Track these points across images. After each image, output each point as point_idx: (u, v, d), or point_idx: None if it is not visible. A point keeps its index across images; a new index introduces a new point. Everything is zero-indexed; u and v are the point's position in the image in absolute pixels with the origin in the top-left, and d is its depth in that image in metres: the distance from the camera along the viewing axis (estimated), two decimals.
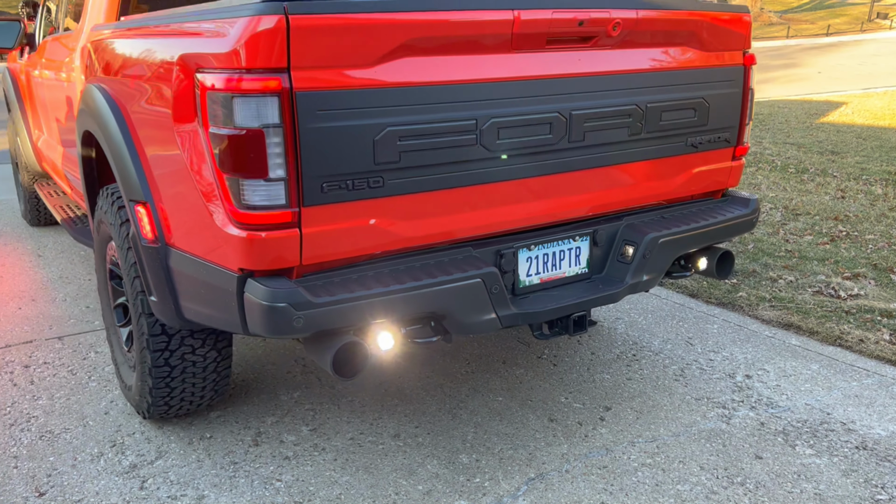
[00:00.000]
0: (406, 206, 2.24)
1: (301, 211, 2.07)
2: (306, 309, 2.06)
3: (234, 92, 1.97)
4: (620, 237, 2.75)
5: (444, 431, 3.01)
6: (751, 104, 2.98)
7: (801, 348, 3.77)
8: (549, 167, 2.48)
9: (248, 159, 2.00)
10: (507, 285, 2.54)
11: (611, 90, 2.53)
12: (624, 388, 3.36)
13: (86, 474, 2.74)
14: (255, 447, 2.91)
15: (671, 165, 2.81)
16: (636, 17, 2.48)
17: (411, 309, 2.25)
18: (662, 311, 4.24)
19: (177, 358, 2.74)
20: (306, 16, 1.95)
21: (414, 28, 2.10)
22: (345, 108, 2.05)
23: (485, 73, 2.27)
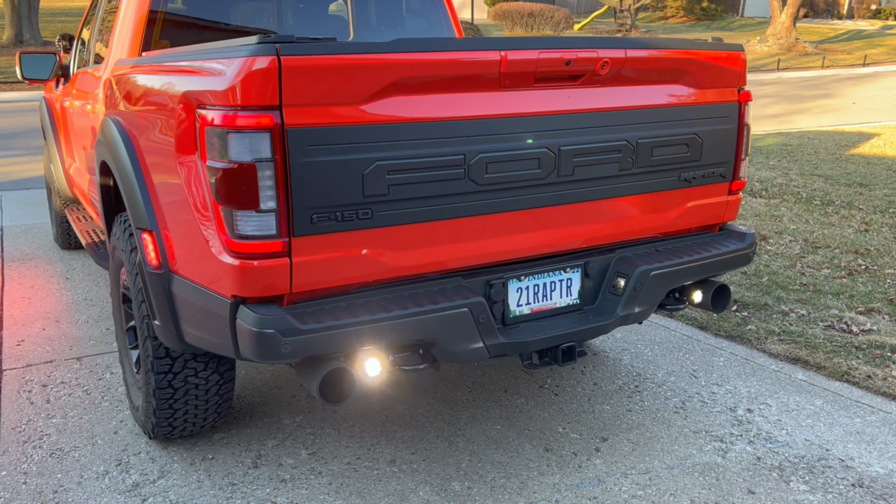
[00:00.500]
0: (395, 236, 2.32)
1: (291, 241, 2.16)
2: (293, 335, 2.14)
3: (229, 127, 2.08)
4: (613, 269, 2.79)
5: (440, 458, 3.05)
6: (746, 139, 3.01)
7: (806, 383, 3.74)
8: (538, 200, 2.54)
9: (241, 191, 2.10)
10: (497, 315, 2.60)
11: (600, 126, 2.60)
12: (623, 419, 3.38)
13: (90, 492, 2.83)
14: (255, 469, 2.98)
15: (664, 200, 2.86)
16: (624, 56, 2.54)
17: (398, 337, 2.32)
18: (670, 343, 4.25)
19: (180, 380, 2.84)
20: (297, 57, 2.05)
21: (402, 69, 2.20)
22: (334, 143, 2.14)
23: (473, 110, 2.35)
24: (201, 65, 2.32)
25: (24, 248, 6.39)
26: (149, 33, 3.65)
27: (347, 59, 2.12)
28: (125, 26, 3.68)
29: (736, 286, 5.10)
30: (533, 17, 22.26)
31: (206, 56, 2.31)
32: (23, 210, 7.77)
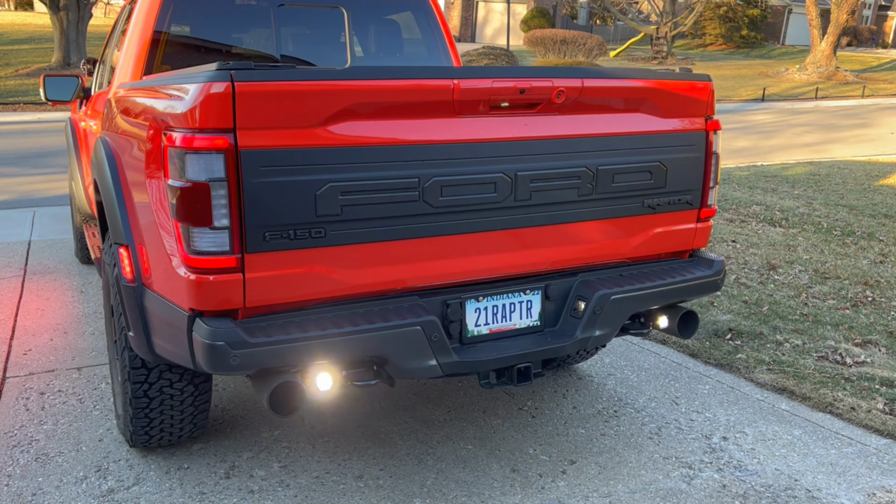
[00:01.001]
0: (349, 255, 2.41)
1: (244, 257, 2.26)
2: (242, 348, 2.24)
3: (187, 148, 2.19)
4: (574, 293, 2.84)
5: (406, 475, 3.11)
6: (715, 168, 3.05)
7: (789, 413, 3.72)
8: (495, 223, 2.61)
9: (196, 209, 2.21)
10: (454, 334, 2.66)
11: (558, 153, 2.66)
12: (595, 443, 3.40)
13: (66, 495, 2.95)
14: (226, 479, 3.07)
15: (627, 226, 2.90)
16: (581, 86, 2.61)
17: (349, 352, 2.40)
18: (657, 370, 4.25)
19: (155, 390, 2.95)
20: (251, 83, 2.17)
21: (353, 95, 2.29)
22: (287, 164, 2.25)
23: (427, 135, 2.43)
24: (169, 90, 2.45)
25: (46, 262, 6.62)
26: (151, 58, 3.83)
27: (300, 86, 2.23)
28: (130, 50, 3.87)
29: (734, 315, 5.07)
30: (566, 44, 22.39)
31: (174, 82, 2.44)
32: (52, 226, 8.05)
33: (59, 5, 20.68)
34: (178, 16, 3.96)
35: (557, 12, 42.41)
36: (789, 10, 45.15)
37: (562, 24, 43.02)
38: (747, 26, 39.43)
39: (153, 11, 3.84)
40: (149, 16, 3.84)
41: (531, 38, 23.60)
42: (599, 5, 35.83)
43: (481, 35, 41.17)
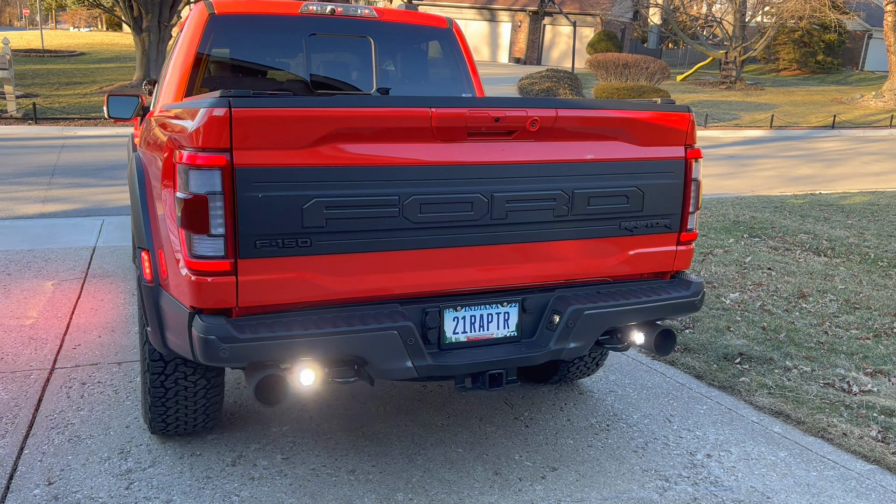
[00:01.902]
0: (334, 264, 2.67)
1: (237, 262, 2.55)
2: (231, 342, 2.52)
3: (190, 165, 2.50)
4: (551, 307, 3.03)
5: (395, 472, 3.34)
6: (695, 194, 3.20)
7: (779, 436, 3.80)
8: (473, 240, 2.84)
9: (196, 218, 2.51)
10: (433, 340, 2.89)
11: (534, 177, 2.87)
12: (580, 453, 3.56)
13: (90, 472, 3.29)
14: (232, 467, 3.36)
15: (604, 246, 3.08)
16: (555, 115, 2.82)
17: (329, 351, 2.66)
18: (659, 389, 4.37)
19: (171, 381, 3.27)
20: (246, 108, 2.47)
21: (339, 121, 2.57)
22: (277, 181, 2.53)
23: (407, 157, 2.69)
24: (185, 113, 2.77)
25: (106, 266, 7.14)
26: (192, 82, 4.21)
27: (290, 112, 2.52)
28: (174, 75, 4.27)
29: (748, 340, 5.13)
30: (628, 67, 22.40)
31: (189, 106, 2.77)
32: (117, 233, 8.62)
33: (142, 27, 21.89)
34: (218, 43, 4.34)
35: (626, 36, 42.30)
36: (869, 35, 43.83)
37: (630, 47, 42.88)
38: (823, 51, 38.51)
39: (195, 39, 4.23)
40: (191, 43, 4.23)
41: (593, 61, 23.70)
42: (668, 29, 35.58)
43: (547, 58, 41.42)
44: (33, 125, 16.41)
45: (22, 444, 3.50)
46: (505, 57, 41.96)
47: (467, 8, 41.48)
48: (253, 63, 4.58)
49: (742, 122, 23.97)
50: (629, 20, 42.59)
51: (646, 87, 20.78)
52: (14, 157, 12.93)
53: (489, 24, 41.99)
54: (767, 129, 23.08)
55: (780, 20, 31.05)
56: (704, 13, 36.76)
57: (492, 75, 32.42)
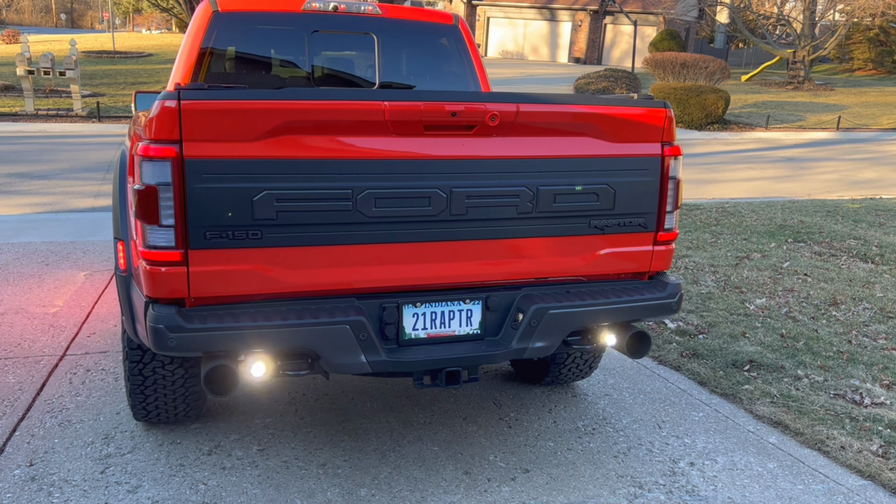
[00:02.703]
0: (286, 257, 2.68)
1: (188, 253, 2.59)
2: (179, 332, 2.56)
3: (144, 156, 2.55)
4: (516, 305, 2.98)
5: (365, 468, 3.33)
6: (673, 193, 3.09)
7: (773, 447, 3.64)
8: (431, 235, 2.81)
9: (148, 209, 2.55)
10: (391, 335, 2.87)
11: (495, 172, 2.82)
12: (558, 456, 3.48)
13: (71, 456, 3.38)
14: (207, 456, 3.41)
15: (573, 245, 3.00)
16: (516, 110, 2.76)
17: (278, 344, 2.66)
18: (657, 394, 4.25)
19: (149, 370, 3.33)
20: (195, 101, 2.50)
21: (289, 113, 2.57)
22: (226, 172, 2.55)
23: (361, 151, 2.67)
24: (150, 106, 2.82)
25: None
26: (195, 78, 4.30)
27: (239, 104, 2.54)
28: (178, 70, 4.36)
29: (762, 347, 4.94)
30: (686, 67, 21.85)
31: (153, 100, 2.82)
32: None
33: None
34: (221, 39, 4.41)
35: (690, 35, 41.34)
36: None
37: (695, 47, 41.91)
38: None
39: (199, 35, 4.32)
40: (195, 39, 4.32)
41: (650, 60, 23.20)
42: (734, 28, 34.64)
43: (608, 57, 40.84)
44: (96, 123, 17.05)
45: (15, 427, 3.63)
46: (564, 57, 41.55)
47: (527, 7, 41.25)
48: (255, 59, 4.65)
49: (806, 124, 23.13)
50: (694, 19, 41.62)
51: (704, 87, 20.23)
52: (74, 154, 13.46)
53: (549, 24, 41.66)
54: (833, 130, 22.22)
55: (853, 18, 29.83)
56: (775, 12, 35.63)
57: (548, 75, 32.16)
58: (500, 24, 42.61)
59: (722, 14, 41.40)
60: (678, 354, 4.79)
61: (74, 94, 17.64)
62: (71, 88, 18.11)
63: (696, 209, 10.26)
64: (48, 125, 16.48)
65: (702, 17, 41.58)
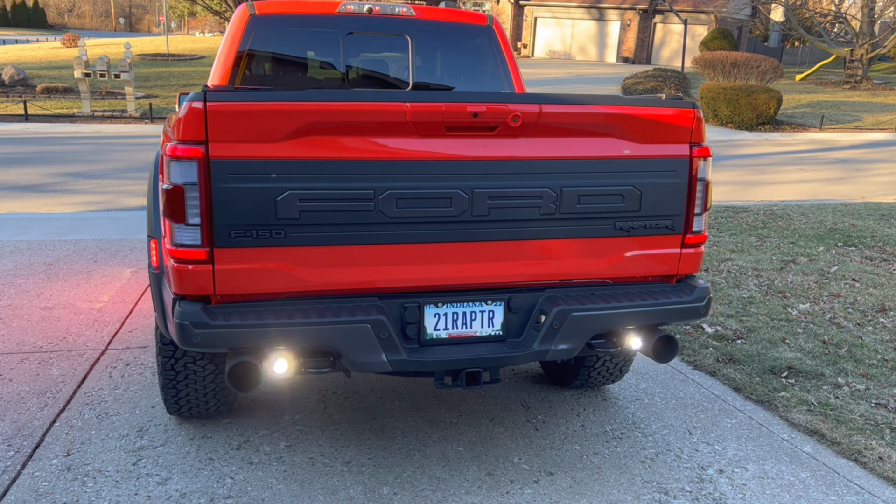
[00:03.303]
0: (309, 256, 2.71)
1: (213, 251, 2.64)
2: (203, 328, 2.61)
3: (172, 157, 2.61)
4: (539, 307, 2.96)
5: (389, 466, 3.35)
6: (702, 195, 3.04)
7: (808, 456, 3.55)
8: (453, 236, 2.81)
9: (175, 207, 2.62)
10: (412, 335, 2.88)
11: (518, 173, 2.81)
12: (584, 460, 3.45)
13: (106, 447, 3.48)
14: (236, 451, 3.48)
15: (598, 246, 2.97)
16: (539, 111, 2.75)
17: (301, 342, 2.70)
18: (690, 399, 4.18)
19: (180, 365, 3.41)
20: (221, 103, 2.55)
21: (312, 115, 2.60)
22: (251, 173, 2.60)
23: (382, 152, 2.69)
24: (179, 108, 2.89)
25: None
26: (232, 80, 4.38)
27: (264, 106, 2.58)
28: (215, 73, 4.45)
29: (803, 353, 4.82)
30: (736, 66, 21.39)
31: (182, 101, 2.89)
32: None
33: None
34: (258, 42, 4.49)
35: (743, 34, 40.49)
36: None
37: (748, 46, 41.04)
38: None
39: (237, 39, 4.40)
40: (233, 43, 4.41)
41: (700, 59, 22.78)
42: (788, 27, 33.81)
43: (657, 57, 40.26)
44: (149, 124, 17.49)
45: (55, 418, 3.75)
46: (613, 56, 41.11)
47: (575, 7, 40.94)
48: (291, 62, 4.72)
49: (863, 124, 22.45)
50: (747, 17, 40.75)
51: (755, 87, 19.78)
52: (126, 154, 13.84)
53: (597, 24, 41.28)
54: (892, 131, 21.51)
55: None
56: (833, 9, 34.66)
57: (595, 75, 31.85)
58: (547, 24, 42.37)
59: (776, 12, 40.45)
60: (714, 359, 4.70)
61: (129, 95, 18.13)
62: (125, 90, 18.63)
63: (743, 212, 10.05)
64: (103, 126, 16.98)
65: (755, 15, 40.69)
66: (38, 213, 8.76)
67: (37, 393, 4.03)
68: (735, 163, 15.25)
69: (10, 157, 12.93)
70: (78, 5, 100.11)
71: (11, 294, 5.76)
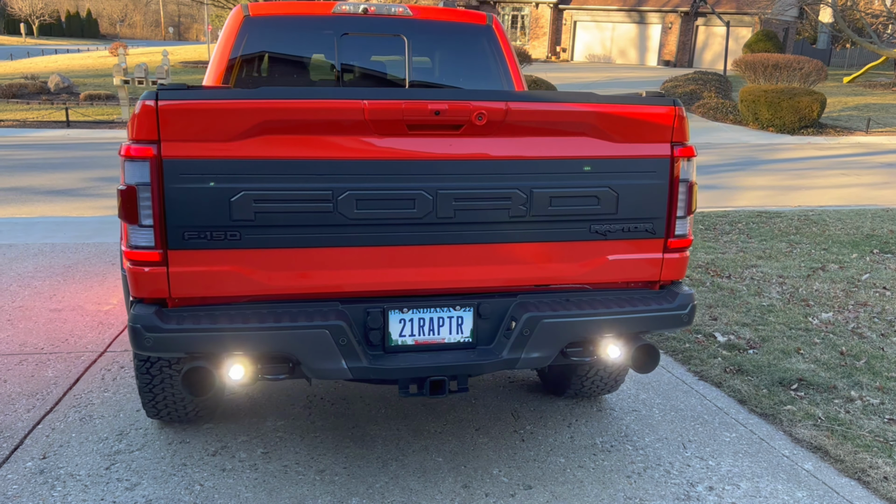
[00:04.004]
0: (266, 258, 2.64)
1: (167, 253, 2.58)
2: (155, 332, 2.55)
3: (125, 157, 2.56)
4: (510, 313, 2.84)
5: (362, 477, 3.25)
6: (686, 196, 2.88)
7: (808, 474, 3.35)
8: (417, 238, 2.70)
9: (128, 209, 2.57)
10: (376, 341, 2.79)
11: (485, 174, 2.69)
12: (567, 473, 3.31)
13: (83, 450, 3.46)
14: (211, 457, 3.42)
15: (573, 250, 2.84)
16: (505, 108, 2.63)
17: (255, 347, 2.62)
18: (690, 412, 3.99)
19: (156, 369, 3.37)
20: (172, 101, 2.49)
21: (266, 113, 2.53)
22: (204, 173, 2.53)
23: (342, 151, 2.60)
24: None
25: None
26: (226, 82, 4.35)
27: (216, 104, 2.51)
28: (209, 75, 4.42)
29: (816, 364, 4.59)
30: (778, 68, 20.81)
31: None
32: None
33: None
34: (252, 44, 4.45)
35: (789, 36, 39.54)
36: None
37: (795, 48, 40.07)
38: None
39: (230, 40, 4.37)
40: (227, 44, 4.37)
41: (740, 62, 22.22)
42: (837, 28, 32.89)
43: (699, 60, 39.53)
44: None
45: (39, 420, 3.74)
46: (654, 60, 40.52)
47: (615, 10, 40.47)
48: (285, 63, 4.67)
49: None
50: (793, 19, 39.79)
51: (797, 89, 19.20)
52: None
53: (637, 27, 40.75)
54: None
55: None
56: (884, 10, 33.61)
57: (634, 78, 31.40)
58: (587, 27, 41.98)
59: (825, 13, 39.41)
60: (721, 370, 4.50)
61: None
62: None
63: (776, 217, 9.73)
64: None
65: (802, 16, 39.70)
66: (69, 216, 8.90)
67: (27, 394, 4.04)
68: (773, 167, 14.83)
69: (49, 162, 13.23)
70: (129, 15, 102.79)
71: (25, 295, 5.83)
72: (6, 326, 5.07)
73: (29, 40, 71.29)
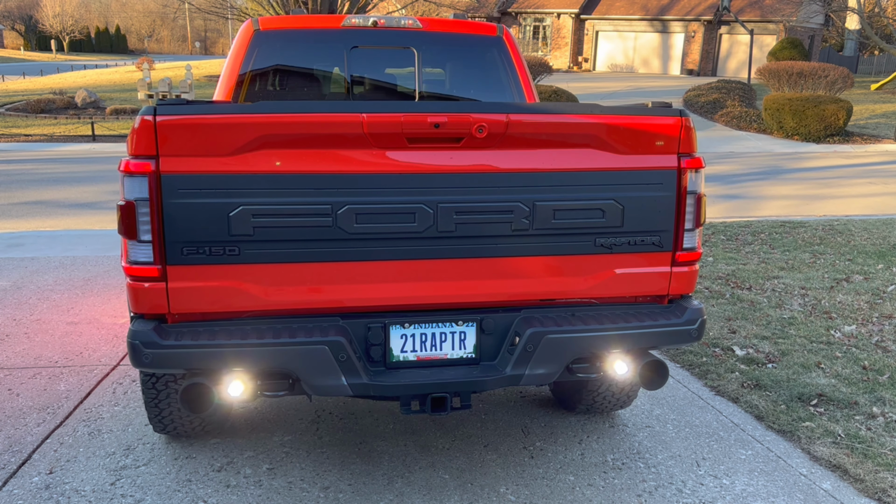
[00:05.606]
0: (265, 274, 2.61)
1: (166, 269, 2.57)
2: (153, 348, 2.54)
3: (125, 172, 2.56)
4: (514, 328, 2.78)
5: (367, 493, 3.21)
6: (694, 209, 2.81)
7: (826, 494, 3.24)
8: (417, 253, 2.67)
9: (128, 224, 2.56)
10: (377, 357, 2.75)
11: (486, 187, 2.65)
12: (575, 492, 3.24)
13: (89, 465, 3.45)
14: (216, 472, 3.39)
15: (577, 264, 2.78)
16: (506, 120, 2.59)
17: (254, 364, 2.59)
18: (706, 428, 3.90)
19: (161, 384, 3.36)
20: (170, 116, 2.48)
21: (264, 127, 2.51)
22: (202, 188, 2.52)
23: (340, 165, 2.58)
24: None
25: None
26: (236, 96, 4.36)
27: (214, 119, 2.50)
28: (220, 89, 4.43)
29: (838, 379, 4.47)
30: (803, 76, 20.53)
31: None
32: None
33: None
34: (263, 58, 4.45)
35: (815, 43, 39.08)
36: None
37: (821, 55, 39.59)
38: None
39: (241, 54, 4.37)
40: (237, 58, 4.38)
41: (764, 70, 21.96)
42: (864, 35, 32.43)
43: (723, 68, 39.19)
44: None
45: (48, 434, 3.75)
46: (677, 69, 40.24)
47: (637, 20, 40.29)
48: (296, 76, 4.67)
49: None
50: (819, 26, 39.33)
51: (823, 97, 18.93)
52: None
53: (660, 36, 40.51)
54: None
55: None
56: None
57: (657, 88, 31.19)
58: (609, 37, 41.84)
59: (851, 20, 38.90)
60: (739, 385, 4.40)
61: None
62: None
63: (800, 227, 9.55)
64: None
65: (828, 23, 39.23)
66: (91, 229, 8.99)
67: (39, 408, 4.05)
68: (798, 176, 14.60)
69: (74, 176, 13.40)
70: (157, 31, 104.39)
71: (43, 309, 5.87)
72: (23, 340, 5.11)
73: (59, 56, 72.66)
